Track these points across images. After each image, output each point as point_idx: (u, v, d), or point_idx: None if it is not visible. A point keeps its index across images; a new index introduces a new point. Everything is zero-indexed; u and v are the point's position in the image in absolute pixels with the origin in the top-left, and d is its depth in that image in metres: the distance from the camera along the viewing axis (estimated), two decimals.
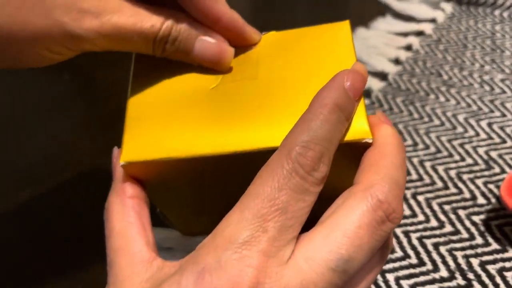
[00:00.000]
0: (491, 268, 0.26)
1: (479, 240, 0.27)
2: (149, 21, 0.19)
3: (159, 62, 0.21)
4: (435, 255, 0.26)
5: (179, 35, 0.20)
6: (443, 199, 0.30)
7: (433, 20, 0.50)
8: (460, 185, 0.31)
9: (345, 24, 0.21)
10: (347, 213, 0.15)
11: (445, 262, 0.26)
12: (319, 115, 0.16)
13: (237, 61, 0.21)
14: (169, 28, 0.19)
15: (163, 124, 0.19)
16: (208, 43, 0.20)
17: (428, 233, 0.28)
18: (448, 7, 0.52)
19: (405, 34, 0.48)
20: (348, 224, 0.15)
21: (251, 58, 0.21)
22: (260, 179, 0.15)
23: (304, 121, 0.16)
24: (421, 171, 0.32)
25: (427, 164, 0.33)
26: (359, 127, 0.17)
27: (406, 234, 0.28)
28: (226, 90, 0.20)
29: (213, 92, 0.20)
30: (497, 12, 0.50)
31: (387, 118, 0.19)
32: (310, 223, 0.16)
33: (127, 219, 0.18)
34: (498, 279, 0.25)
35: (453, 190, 0.30)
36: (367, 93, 0.40)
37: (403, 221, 0.29)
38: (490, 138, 0.34)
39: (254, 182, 0.15)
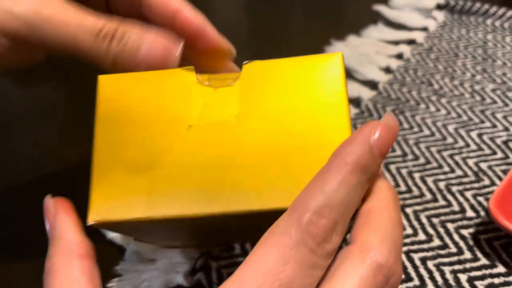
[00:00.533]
0: (480, 284, 0.25)
1: (467, 254, 0.27)
2: (94, 16, 0.19)
3: (126, 101, 0.19)
4: (422, 270, 0.26)
5: (126, 32, 0.19)
6: (432, 212, 0.29)
7: (424, 29, 0.50)
8: (449, 197, 0.30)
9: (337, 56, 0.19)
10: (346, 279, 0.14)
11: (432, 278, 0.25)
12: (338, 175, 0.14)
13: (217, 94, 0.19)
14: (115, 24, 0.19)
15: (134, 177, 0.17)
16: (156, 39, 0.19)
17: (415, 247, 0.27)
18: (440, 16, 0.51)
19: (396, 43, 0.48)
20: None
21: (232, 92, 0.19)
22: (263, 248, 0.14)
23: (319, 181, 0.14)
24: (410, 182, 0.31)
25: (416, 175, 0.32)
26: None
27: None
28: (204, 133, 0.18)
29: (190, 135, 0.18)
30: (489, 21, 0.50)
31: (380, 170, 0.17)
32: None
33: (76, 285, 0.15)
34: None
35: (442, 202, 0.30)
36: (357, 102, 0.40)
37: None
38: (480, 149, 0.34)
39: (256, 250, 0.14)
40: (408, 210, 0.29)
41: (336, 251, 0.14)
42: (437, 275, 0.26)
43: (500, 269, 0.26)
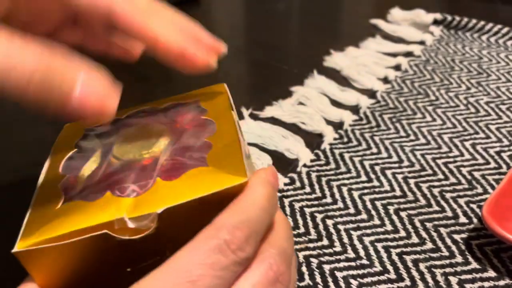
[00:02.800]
0: (470, 287, 0.26)
1: (459, 258, 0.27)
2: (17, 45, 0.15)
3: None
4: (414, 272, 0.26)
5: (54, 69, 0.15)
6: (426, 217, 0.30)
7: (422, 42, 0.51)
8: (443, 203, 0.31)
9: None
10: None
11: (423, 279, 0.26)
12: (252, 200, 0.17)
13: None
14: (36, 60, 0.15)
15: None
16: (94, 82, 0.16)
17: (408, 249, 0.28)
18: (437, 31, 0.53)
19: (394, 55, 0.49)
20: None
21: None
22: (182, 252, 0.16)
23: (237, 203, 0.17)
24: (405, 188, 0.32)
25: (411, 181, 0.33)
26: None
27: (387, 249, 0.28)
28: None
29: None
30: (484, 37, 0.51)
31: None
32: None
33: None
34: None
35: (435, 208, 0.31)
36: (355, 110, 0.41)
37: (384, 236, 0.29)
38: (474, 158, 0.35)
39: (176, 254, 0.16)
40: (403, 214, 0.30)
41: (248, 262, 0.17)
42: (428, 277, 0.26)
43: (491, 273, 0.26)
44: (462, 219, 0.30)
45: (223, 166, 0.19)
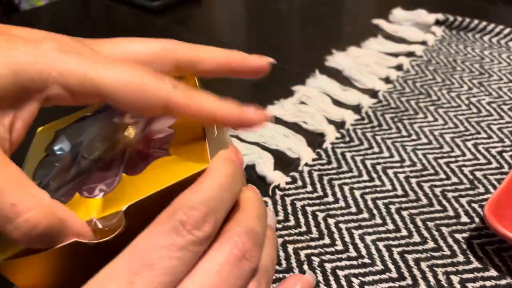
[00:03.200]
0: (471, 286, 0.26)
1: (460, 257, 0.27)
2: (15, 197, 0.15)
3: None
4: (415, 270, 0.26)
5: (46, 232, 0.16)
6: (427, 216, 0.30)
7: (423, 43, 0.51)
8: (445, 202, 0.31)
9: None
10: (210, 259, 0.16)
11: (425, 278, 0.26)
12: (212, 178, 0.17)
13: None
14: (36, 220, 0.15)
15: None
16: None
17: (410, 248, 0.28)
18: (439, 31, 0.53)
19: (396, 55, 0.49)
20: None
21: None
22: (138, 237, 0.16)
23: (197, 183, 0.17)
24: (407, 187, 0.32)
25: (413, 181, 0.33)
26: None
27: (388, 248, 0.28)
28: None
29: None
30: (486, 38, 0.51)
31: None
32: None
33: None
34: None
35: (437, 207, 0.31)
36: (357, 109, 0.41)
37: (385, 235, 0.29)
38: (476, 158, 0.35)
39: (133, 240, 0.16)
40: (404, 213, 0.30)
41: (209, 240, 0.16)
42: (429, 276, 0.26)
43: (492, 272, 0.26)
44: (464, 219, 0.30)
45: (185, 153, 0.19)
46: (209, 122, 0.20)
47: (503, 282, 0.26)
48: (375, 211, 0.30)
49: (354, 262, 0.27)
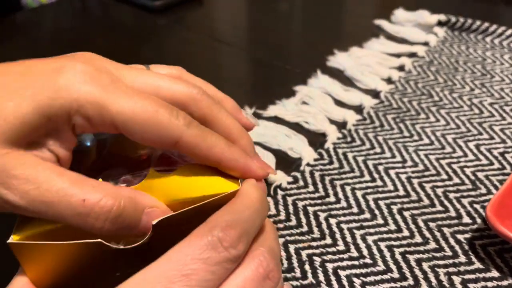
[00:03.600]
0: (473, 287, 0.25)
1: (462, 258, 0.27)
2: (81, 194, 0.16)
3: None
4: (417, 271, 0.26)
5: (122, 211, 0.17)
6: (429, 216, 0.30)
7: (425, 43, 0.51)
8: (447, 203, 0.31)
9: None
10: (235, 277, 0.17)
11: (427, 278, 0.26)
12: (246, 202, 0.18)
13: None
14: (110, 204, 0.17)
15: None
16: (155, 214, 0.18)
17: (412, 248, 0.28)
18: (441, 32, 0.53)
19: (398, 55, 0.49)
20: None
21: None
22: (177, 247, 0.16)
23: (231, 205, 0.18)
24: (409, 187, 0.32)
25: (415, 181, 0.33)
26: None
27: (390, 248, 0.28)
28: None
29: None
30: (488, 39, 0.51)
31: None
32: None
33: None
34: None
35: (439, 208, 0.31)
36: (359, 110, 0.41)
37: (387, 235, 0.29)
38: (478, 159, 0.35)
39: (170, 250, 0.16)
40: (406, 214, 0.30)
41: (240, 259, 0.17)
42: (431, 276, 0.26)
43: (494, 273, 0.26)
44: (466, 219, 0.30)
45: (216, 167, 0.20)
46: (214, 165, 0.20)
47: (505, 283, 0.26)
48: (376, 212, 0.30)
49: (356, 262, 0.27)
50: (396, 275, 0.26)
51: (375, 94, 0.43)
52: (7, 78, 0.17)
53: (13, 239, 0.17)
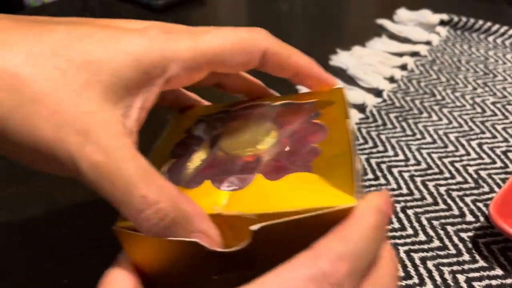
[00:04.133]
0: (477, 285, 0.25)
1: (466, 256, 0.27)
2: (145, 189, 0.16)
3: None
4: (422, 269, 0.26)
5: (173, 225, 0.17)
6: (432, 215, 0.30)
7: (428, 43, 0.51)
8: (449, 201, 0.31)
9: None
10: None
11: (431, 277, 0.26)
12: (360, 229, 0.15)
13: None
14: (165, 212, 0.16)
15: None
16: (201, 239, 0.17)
17: (416, 247, 0.28)
18: (443, 31, 0.53)
19: (400, 54, 0.49)
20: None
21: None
22: (274, 272, 0.14)
23: (342, 231, 0.15)
24: (412, 186, 0.32)
25: (418, 180, 0.33)
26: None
27: (394, 246, 0.28)
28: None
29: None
30: (490, 38, 0.51)
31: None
32: None
33: None
34: None
35: (442, 206, 0.31)
36: (362, 108, 0.41)
37: (391, 234, 0.29)
38: (480, 158, 0.35)
39: (270, 275, 0.15)
40: (410, 212, 0.30)
41: None
42: (436, 275, 0.26)
43: (498, 271, 0.26)
44: (469, 218, 0.30)
45: (330, 178, 0.17)
46: (292, 75, 0.22)
47: (508, 281, 0.26)
48: None
49: None
50: (401, 273, 0.26)
51: (377, 93, 0.43)
52: (92, 29, 0.17)
53: (117, 225, 0.18)
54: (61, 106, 0.15)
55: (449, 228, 0.29)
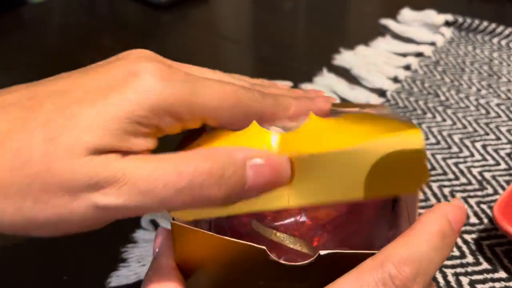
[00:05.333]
0: None
1: (469, 258, 0.27)
2: (174, 168, 0.16)
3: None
4: None
5: (224, 172, 0.16)
6: None
7: (432, 43, 0.51)
8: None
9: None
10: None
11: (434, 279, 0.26)
12: (424, 235, 0.15)
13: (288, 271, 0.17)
14: (207, 167, 0.16)
15: None
16: (258, 167, 0.17)
17: None
18: (448, 32, 0.53)
19: (404, 55, 0.49)
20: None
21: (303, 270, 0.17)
22: (345, 279, 0.15)
23: (406, 237, 0.16)
24: None
25: None
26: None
27: None
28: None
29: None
30: (495, 40, 0.51)
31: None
32: None
33: None
34: None
35: None
36: None
37: None
38: (485, 159, 0.34)
39: (338, 280, 0.15)
40: None
41: None
42: (439, 277, 0.26)
43: (502, 274, 0.26)
44: (473, 219, 0.29)
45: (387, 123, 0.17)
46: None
47: None
48: None
49: None
50: None
51: (381, 93, 0.43)
52: (78, 91, 0.16)
53: (176, 219, 0.17)
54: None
55: None
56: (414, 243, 0.15)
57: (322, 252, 0.16)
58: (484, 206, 0.30)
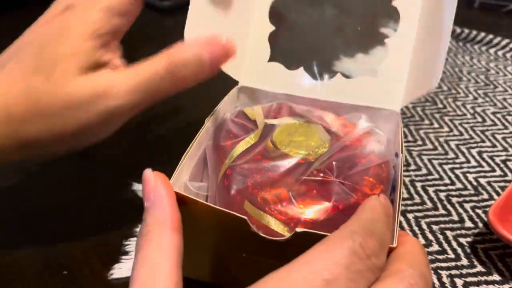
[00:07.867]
0: None
1: (464, 261, 0.27)
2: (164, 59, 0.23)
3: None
4: None
5: (187, 63, 0.23)
6: (432, 219, 0.30)
7: None
8: (449, 207, 0.31)
9: None
10: None
11: None
12: (374, 214, 0.17)
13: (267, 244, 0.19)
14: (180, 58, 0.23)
15: None
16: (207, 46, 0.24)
17: None
18: None
19: None
20: None
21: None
22: (314, 250, 0.15)
23: (358, 215, 0.17)
24: (412, 190, 0.32)
25: (418, 185, 0.33)
26: None
27: None
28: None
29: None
30: (492, 51, 0.52)
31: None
32: None
33: (165, 255, 0.16)
34: None
35: (442, 211, 0.31)
36: None
37: None
38: (480, 166, 0.35)
39: (308, 251, 0.15)
40: (409, 216, 0.30)
41: (380, 271, 0.16)
42: (434, 278, 0.26)
43: (495, 277, 0.26)
44: (468, 223, 0.30)
45: None
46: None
47: (506, 286, 0.26)
48: None
49: None
50: None
51: None
52: (44, 39, 0.24)
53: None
54: None
55: (448, 233, 0.29)
56: (369, 219, 0.16)
57: (299, 230, 0.18)
58: (479, 211, 0.31)
